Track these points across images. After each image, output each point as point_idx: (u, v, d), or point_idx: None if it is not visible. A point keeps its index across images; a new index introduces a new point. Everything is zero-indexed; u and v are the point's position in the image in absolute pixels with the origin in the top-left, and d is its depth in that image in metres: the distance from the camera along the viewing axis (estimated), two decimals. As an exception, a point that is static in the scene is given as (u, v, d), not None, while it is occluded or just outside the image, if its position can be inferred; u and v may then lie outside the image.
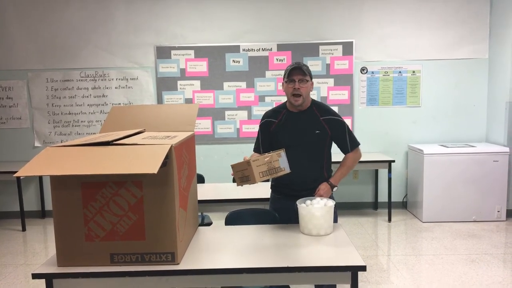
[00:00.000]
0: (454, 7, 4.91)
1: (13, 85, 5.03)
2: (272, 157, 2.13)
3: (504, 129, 4.72)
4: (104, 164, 1.65)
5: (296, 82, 2.35)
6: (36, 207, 5.20)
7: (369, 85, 5.05)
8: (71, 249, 1.82)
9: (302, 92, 2.36)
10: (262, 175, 2.07)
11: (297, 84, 2.35)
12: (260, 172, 2.05)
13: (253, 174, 2.03)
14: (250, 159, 2.04)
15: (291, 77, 2.36)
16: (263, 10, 4.94)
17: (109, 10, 4.93)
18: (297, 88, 2.35)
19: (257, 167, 2.04)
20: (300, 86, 2.35)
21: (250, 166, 2.03)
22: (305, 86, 2.36)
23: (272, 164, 2.11)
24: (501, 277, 3.28)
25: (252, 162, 2.03)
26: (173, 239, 1.82)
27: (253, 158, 2.06)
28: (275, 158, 2.14)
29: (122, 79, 5.04)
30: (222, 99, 5.04)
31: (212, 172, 4.47)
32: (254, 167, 2.03)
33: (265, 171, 2.08)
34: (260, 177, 2.06)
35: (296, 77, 2.35)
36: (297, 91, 2.35)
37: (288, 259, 1.89)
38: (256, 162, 2.05)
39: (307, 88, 2.38)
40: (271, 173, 2.10)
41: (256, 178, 2.03)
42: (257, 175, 2.04)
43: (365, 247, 3.99)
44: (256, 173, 2.03)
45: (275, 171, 2.12)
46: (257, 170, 2.04)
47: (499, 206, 4.59)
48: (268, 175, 2.09)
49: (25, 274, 3.56)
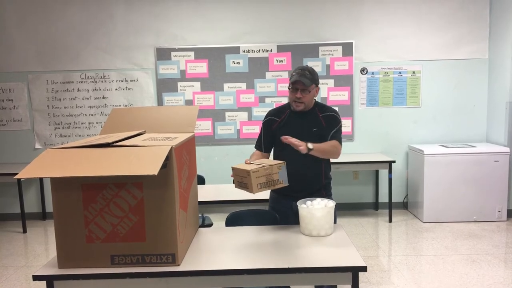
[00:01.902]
0: (454, 8, 4.91)
1: (14, 87, 5.03)
2: (272, 169, 2.13)
3: (504, 129, 4.71)
4: (105, 165, 1.66)
5: (299, 92, 2.39)
6: (37, 209, 5.20)
7: (369, 85, 5.05)
8: (71, 250, 1.83)
9: (304, 101, 2.40)
10: (260, 187, 2.08)
11: (299, 94, 2.39)
12: (258, 184, 2.06)
13: (251, 185, 2.04)
14: (251, 170, 2.04)
15: (295, 86, 2.40)
16: (263, 11, 4.94)
17: (109, 12, 4.93)
18: (298, 97, 2.39)
19: (256, 178, 2.05)
20: (302, 95, 2.39)
21: (250, 177, 2.04)
22: (307, 95, 2.40)
23: (271, 177, 2.13)
24: (502, 277, 3.28)
25: (252, 173, 2.04)
26: (174, 240, 1.82)
27: (253, 169, 2.06)
28: (275, 170, 2.15)
29: (122, 81, 5.04)
30: (222, 100, 5.04)
31: (212, 173, 4.48)
32: (253, 178, 2.04)
33: (263, 182, 2.09)
34: (258, 189, 2.07)
35: (299, 87, 2.39)
36: (298, 99, 2.40)
37: (288, 260, 1.89)
38: (256, 173, 2.06)
39: (309, 96, 2.42)
40: (269, 185, 2.12)
41: (253, 189, 2.05)
42: (255, 187, 2.05)
43: (365, 248, 3.99)
44: (254, 185, 2.05)
45: (273, 183, 2.14)
46: (256, 181, 2.05)
47: (500, 206, 4.59)
48: (265, 187, 2.10)
49: (26, 276, 3.56)
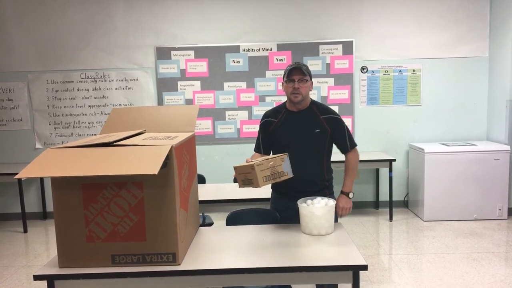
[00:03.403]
0: (454, 6, 4.90)
1: (14, 87, 5.03)
2: (275, 161, 2.12)
3: (505, 127, 4.71)
4: (105, 165, 1.66)
5: (296, 82, 2.35)
6: (38, 208, 5.20)
7: (370, 84, 5.04)
8: (72, 250, 1.83)
9: (301, 92, 2.36)
10: (266, 180, 2.07)
11: (297, 84, 2.35)
12: (263, 177, 2.05)
13: (257, 179, 2.03)
14: (254, 163, 2.03)
15: (291, 77, 2.36)
16: (263, 10, 4.94)
17: (108, 11, 4.93)
18: (296, 88, 2.35)
19: (261, 171, 2.04)
20: (300, 85, 2.35)
21: (254, 171, 2.02)
22: (304, 85, 2.36)
23: (275, 169, 2.11)
24: (503, 275, 3.28)
25: (256, 167, 2.03)
26: (174, 239, 1.82)
27: (257, 162, 2.05)
28: (279, 162, 2.14)
29: (123, 80, 5.04)
30: (223, 100, 5.04)
31: (213, 172, 4.48)
32: (258, 171, 2.03)
33: (268, 175, 2.08)
34: (264, 181, 2.06)
35: (295, 77, 2.35)
36: (296, 90, 2.36)
37: (289, 259, 1.89)
38: (260, 166, 2.05)
39: (306, 87, 2.38)
40: (274, 177, 2.11)
41: (260, 182, 2.04)
42: (261, 180, 2.04)
43: (366, 246, 3.99)
44: (260, 178, 2.03)
45: (278, 175, 2.12)
46: (261, 174, 2.04)
47: (501, 205, 4.59)
48: (271, 180, 2.10)
49: (26, 276, 3.56)
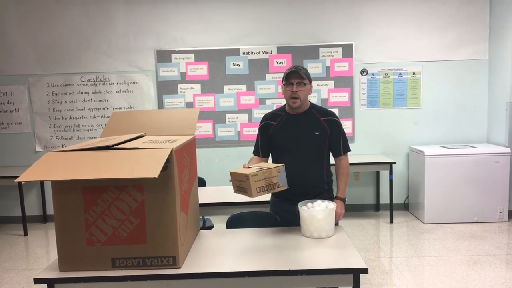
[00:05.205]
0: (454, 8, 4.91)
1: (14, 90, 5.04)
2: (271, 172, 2.11)
3: (505, 130, 4.71)
4: (105, 168, 1.66)
5: (294, 85, 2.35)
6: (38, 211, 5.20)
7: (370, 87, 5.05)
8: (72, 253, 1.82)
9: (299, 95, 2.35)
10: (260, 191, 2.06)
11: (295, 87, 2.34)
12: (257, 188, 2.04)
13: (251, 189, 2.02)
14: (249, 174, 2.01)
15: (289, 80, 2.36)
16: (263, 13, 4.95)
17: (109, 15, 4.94)
18: (294, 91, 2.35)
19: (255, 182, 2.03)
20: (298, 89, 2.35)
21: (248, 180, 2.01)
22: (303, 89, 2.36)
23: (270, 180, 2.10)
24: (504, 278, 3.27)
25: (251, 177, 2.01)
26: (175, 243, 1.82)
27: (252, 172, 2.03)
28: (274, 173, 2.12)
29: (123, 83, 5.05)
30: (223, 102, 5.04)
31: (213, 175, 4.47)
32: (252, 182, 2.02)
33: (262, 186, 2.07)
34: (258, 192, 2.05)
35: (294, 80, 2.35)
36: (295, 94, 2.35)
37: (289, 262, 1.89)
38: (255, 177, 2.03)
39: (305, 91, 2.37)
40: (268, 189, 2.09)
41: (253, 193, 2.03)
42: (254, 191, 2.03)
43: (367, 249, 3.98)
44: (253, 189, 2.03)
45: (272, 187, 2.11)
46: (255, 185, 2.03)
47: (501, 207, 4.58)
48: (265, 191, 2.08)
49: (27, 279, 3.56)
